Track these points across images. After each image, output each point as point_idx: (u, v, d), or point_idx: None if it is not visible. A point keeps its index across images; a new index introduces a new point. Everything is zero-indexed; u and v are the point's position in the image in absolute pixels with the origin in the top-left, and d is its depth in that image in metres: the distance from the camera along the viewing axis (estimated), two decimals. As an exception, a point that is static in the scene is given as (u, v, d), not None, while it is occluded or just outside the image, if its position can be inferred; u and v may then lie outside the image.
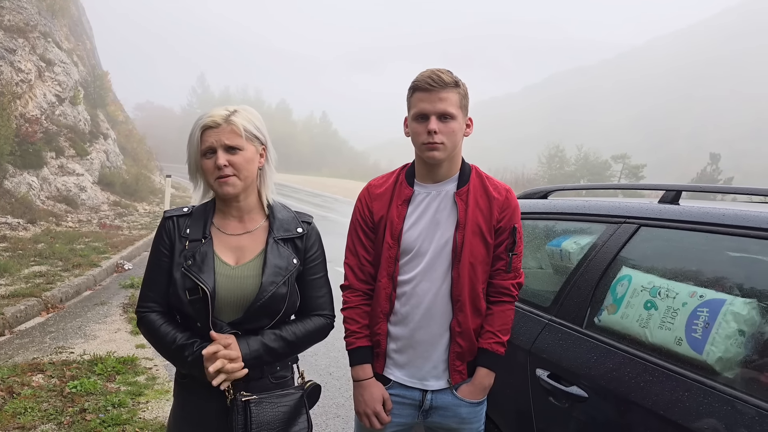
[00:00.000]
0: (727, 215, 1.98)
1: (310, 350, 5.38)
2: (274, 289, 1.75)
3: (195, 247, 1.77)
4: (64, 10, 20.96)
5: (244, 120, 1.77)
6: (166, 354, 1.78)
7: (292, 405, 1.79)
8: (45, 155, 14.36)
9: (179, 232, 1.81)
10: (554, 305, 2.40)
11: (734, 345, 1.77)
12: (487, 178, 2.06)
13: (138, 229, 13.34)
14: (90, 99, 19.99)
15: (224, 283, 1.75)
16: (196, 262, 1.74)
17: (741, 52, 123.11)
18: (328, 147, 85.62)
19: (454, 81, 1.92)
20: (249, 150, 1.77)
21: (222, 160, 1.72)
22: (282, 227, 1.86)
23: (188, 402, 1.82)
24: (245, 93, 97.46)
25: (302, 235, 1.88)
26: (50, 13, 18.54)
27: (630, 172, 42.64)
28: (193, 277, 1.72)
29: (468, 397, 2.02)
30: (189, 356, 1.70)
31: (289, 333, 1.81)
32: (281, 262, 1.80)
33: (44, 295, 6.60)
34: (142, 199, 19.42)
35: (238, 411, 1.70)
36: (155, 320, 1.77)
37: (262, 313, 1.76)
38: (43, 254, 8.91)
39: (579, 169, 46.35)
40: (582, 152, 47.52)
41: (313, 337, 1.88)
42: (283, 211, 1.91)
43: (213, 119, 1.74)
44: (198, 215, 1.85)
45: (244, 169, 1.75)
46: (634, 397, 1.88)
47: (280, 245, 1.82)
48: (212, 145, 1.73)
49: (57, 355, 5.04)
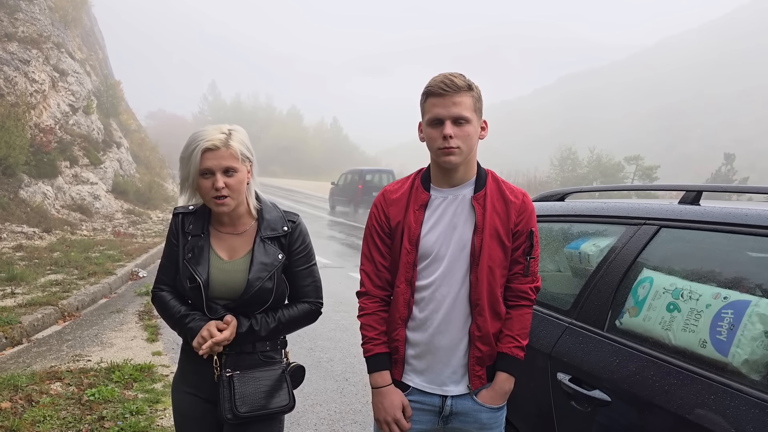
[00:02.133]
0: (750, 215, 1.95)
1: (325, 356, 5.38)
2: (260, 284, 2.00)
3: (195, 242, 2.04)
4: (76, 21, 21.21)
5: (238, 143, 1.96)
6: (171, 322, 2.07)
7: (274, 380, 2.03)
8: (59, 164, 14.52)
9: (183, 228, 2.08)
10: (574, 308, 2.38)
11: (761, 347, 1.73)
12: (503, 182, 2.04)
13: (152, 236, 13.42)
14: (103, 108, 20.19)
15: (217, 276, 2.01)
16: (194, 255, 2.02)
17: (752, 50, 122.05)
18: (340, 152, 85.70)
19: (467, 84, 1.91)
20: (242, 171, 1.97)
21: (220, 183, 1.92)
22: (269, 227, 2.08)
23: (188, 368, 2.10)
24: (256, 100, 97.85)
25: (287, 233, 2.09)
26: (63, 23, 18.78)
27: (643, 173, 42.27)
28: (191, 268, 2.00)
29: (488, 402, 2.00)
30: (189, 323, 1.99)
31: (275, 318, 2.06)
32: (267, 258, 2.03)
33: (61, 304, 6.66)
34: (155, 206, 19.58)
35: (224, 384, 1.96)
36: (165, 296, 2.09)
37: (252, 302, 2.01)
38: (59, 263, 8.98)
39: (592, 171, 46.00)
40: (594, 154, 47.20)
41: (299, 321, 2.12)
42: (272, 211, 2.12)
43: (213, 143, 1.92)
44: (200, 214, 2.10)
45: (237, 189, 1.97)
46: (658, 400, 1.85)
47: (266, 243, 2.06)
48: (211, 167, 1.92)
49: (74, 363, 5.07)
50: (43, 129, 14.25)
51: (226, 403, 1.94)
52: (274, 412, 2.00)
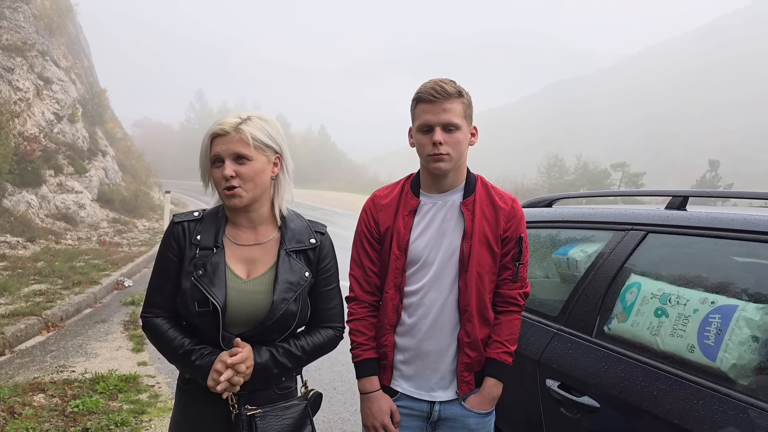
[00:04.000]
0: (736, 220, 1.96)
1: (313, 364, 5.32)
2: (285, 307, 1.71)
3: (206, 255, 1.72)
4: (61, 29, 21.03)
5: (254, 128, 1.70)
6: (171, 358, 1.75)
7: (297, 416, 1.76)
8: (44, 173, 14.35)
9: (189, 238, 1.75)
10: (563, 314, 2.37)
11: (748, 351, 1.73)
12: (492, 188, 2.04)
13: (138, 245, 13.30)
14: (88, 116, 20.03)
15: (235, 298, 1.69)
16: (207, 273, 1.69)
17: (736, 59, 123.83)
18: (327, 160, 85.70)
19: (457, 91, 1.90)
20: (259, 160, 1.71)
21: (229, 171, 1.67)
22: (294, 238, 1.80)
23: (190, 408, 1.78)
24: (243, 107, 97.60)
25: (315, 246, 1.82)
26: (48, 31, 18.63)
27: (629, 180, 42.67)
28: (204, 289, 1.67)
29: (477, 408, 1.99)
30: (196, 360, 1.66)
31: (299, 347, 1.77)
32: (293, 276, 1.75)
33: (44, 314, 6.56)
34: (141, 215, 19.40)
35: (243, 425, 1.67)
36: (161, 324, 1.74)
37: (273, 329, 1.72)
38: (43, 272, 8.86)
39: (579, 177, 46.37)
40: (581, 161, 47.57)
41: (323, 350, 1.84)
42: (296, 221, 1.85)
43: (222, 127, 1.69)
44: (209, 221, 1.79)
45: (251, 180, 1.69)
46: (647, 406, 1.85)
47: (292, 258, 1.77)
48: (220, 153, 1.69)
49: (58, 374, 4.99)
50: (28, 137, 14.09)
51: None
52: None
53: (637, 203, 23.12)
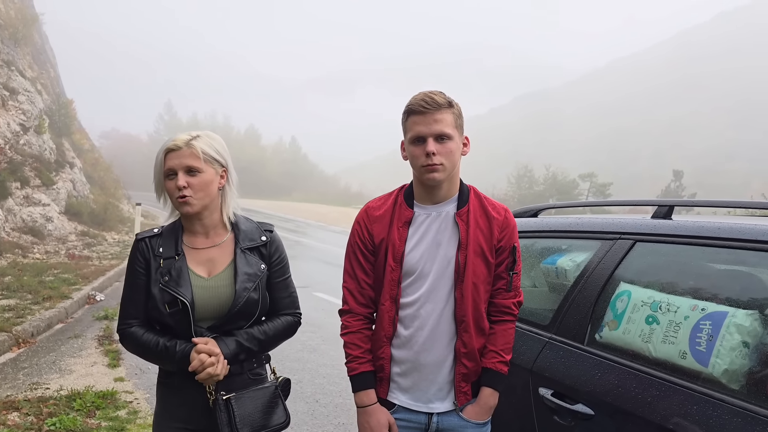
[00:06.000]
0: (723, 229, 2.01)
1: (294, 378, 5.27)
2: (247, 295, 1.95)
3: (170, 264, 1.94)
4: (27, 39, 20.60)
5: (203, 144, 1.94)
6: (153, 357, 1.95)
7: (269, 397, 1.99)
8: (9, 186, 14.00)
9: (153, 252, 1.97)
10: (553, 323, 2.40)
11: (739, 357, 1.78)
12: (485, 199, 2.06)
13: (108, 258, 13.02)
14: (55, 128, 19.59)
15: (201, 294, 1.93)
16: (172, 277, 1.92)
17: (697, 74, 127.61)
18: (299, 171, 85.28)
19: (447, 102, 1.93)
20: (208, 172, 1.93)
21: (181, 182, 1.89)
22: (247, 237, 2.03)
23: (171, 401, 1.98)
24: (214, 119, 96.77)
25: (266, 243, 2.05)
26: (13, 41, 18.24)
27: (597, 190, 43.45)
28: (171, 291, 1.90)
29: (474, 418, 1.99)
30: (178, 353, 1.88)
31: (261, 332, 2.00)
32: (250, 269, 1.99)
33: (14, 330, 6.37)
34: (110, 228, 19.01)
35: (221, 409, 1.89)
36: (137, 332, 1.95)
37: (239, 317, 1.95)
38: (11, 287, 8.61)
39: (548, 188, 47.04)
40: (550, 172, 48.27)
41: (283, 334, 2.07)
42: (247, 223, 2.08)
43: (175, 143, 1.92)
44: (168, 234, 2.01)
45: (201, 190, 1.92)
46: (642, 412, 1.88)
47: (247, 254, 2.01)
48: (173, 167, 1.91)
49: (32, 391, 4.85)
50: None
51: (225, 427, 1.88)
52: (274, 429, 1.98)
53: (605, 212, 23.51)
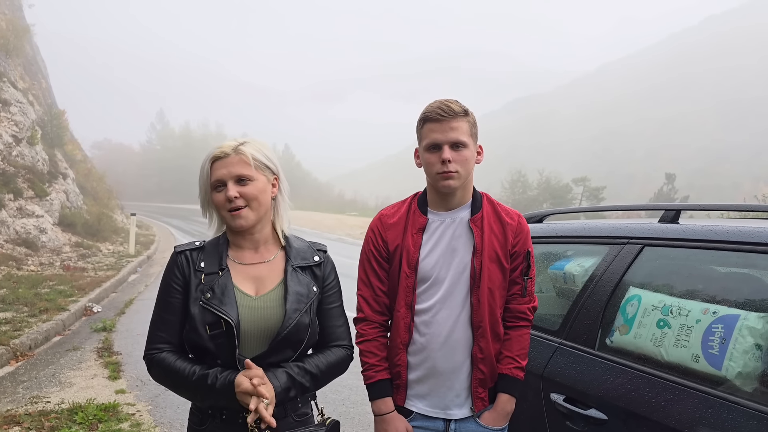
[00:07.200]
0: (731, 232, 2.03)
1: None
2: (298, 317, 1.71)
3: (212, 279, 1.71)
4: (18, 50, 20.52)
5: (253, 150, 1.74)
6: (186, 389, 1.70)
7: None
8: (2, 197, 13.91)
9: (194, 266, 1.75)
10: (563, 328, 2.41)
11: (752, 359, 1.79)
12: (498, 205, 2.08)
13: (104, 270, 12.95)
14: (47, 138, 19.50)
15: (247, 315, 1.69)
16: (215, 294, 1.68)
17: (687, 76, 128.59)
18: (292, 178, 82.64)
19: (463, 110, 1.94)
20: (260, 180, 1.74)
21: (233, 192, 1.69)
22: (299, 256, 1.83)
23: None
24: (206, 128, 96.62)
25: (320, 263, 1.85)
26: (4, 52, 18.19)
27: (591, 194, 43.58)
28: (215, 309, 1.66)
29: (491, 424, 2.00)
30: (219, 380, 1.61)
31: (313, 365, 1.75)
32: (302, 289, 1.77)
33: (12, 343, 6.32)
34: (105, 239, 18.90)
35: None
36: (167, 358, 1.70)
37: (286, 344, 1.71)
38: (6, 300, 8.55)
39: (542, 192, 47.13)
40: (543, 176, 48.38)
41: (335, 370, 1.83)
42: (298, 241, 1.89)
43: (222, 150, 1.73)
44: (211, 249, 1.79)
45: (255, 199, 1.72)
46: (656, 416, 1.88)
47: (299, 273, 1.79)
48: (222, 177, 1.71)
49: (32, 405, 4.81)
50: (-14, 161, 13.67)
51: None
52: None
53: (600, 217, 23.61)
